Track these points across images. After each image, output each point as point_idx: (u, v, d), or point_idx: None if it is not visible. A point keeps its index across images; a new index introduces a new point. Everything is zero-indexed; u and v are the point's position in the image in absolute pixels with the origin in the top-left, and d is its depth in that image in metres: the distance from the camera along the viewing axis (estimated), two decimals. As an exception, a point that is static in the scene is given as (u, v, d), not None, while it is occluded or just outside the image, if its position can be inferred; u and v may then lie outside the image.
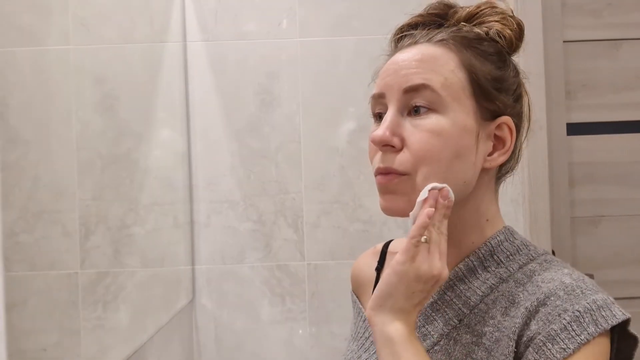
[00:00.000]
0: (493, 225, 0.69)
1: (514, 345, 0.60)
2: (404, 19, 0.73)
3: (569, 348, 0.57)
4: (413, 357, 0.58)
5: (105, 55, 1.05)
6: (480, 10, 0.68)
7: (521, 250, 0.68)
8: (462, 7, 0.69)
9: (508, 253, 0.67)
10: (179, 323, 1.39)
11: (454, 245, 0.67)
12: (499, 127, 0.66)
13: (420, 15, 0.71)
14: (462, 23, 0.68)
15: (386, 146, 0.64)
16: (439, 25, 0.69)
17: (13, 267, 0.72)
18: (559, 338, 0.57)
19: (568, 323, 0.58)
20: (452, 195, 0.62)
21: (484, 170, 0.66)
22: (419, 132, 0.63)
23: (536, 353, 0.58)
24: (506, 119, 0.66)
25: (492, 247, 0.67)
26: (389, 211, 0.66)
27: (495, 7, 0.69)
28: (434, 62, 0.64)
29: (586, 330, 0.57)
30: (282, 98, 1.48)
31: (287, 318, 1.48)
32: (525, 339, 0.60)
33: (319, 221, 1.48)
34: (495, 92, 0.65)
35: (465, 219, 0.67)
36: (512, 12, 0.70)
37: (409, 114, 0.64)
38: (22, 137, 0.78)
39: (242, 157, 1.49)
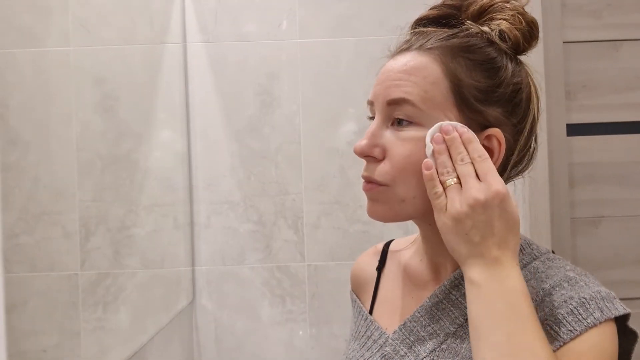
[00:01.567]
0: None
1: None
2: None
3: (576, 330, 0.57)
4: (493, 295, 0.56)
5: (105, 56, 1.05)
6: (493, 6, 0.67)
7: (524, 250, 0.68)
8: (475, 1, 0.68)
9: None
10: (179, 324, 1.39)
11: None
12: (487, 138, 0.64)
13: (436, 8, 0.70)
14: (469, 22, 0.67)
15: (368, 156, 0.66)
16: (450, 24, 0.68)
17: (13, 269, 0.72)
18: (566, 321, 0.58)
19: (575, 307, 0.59)
20: (458, 125, 0.61)
21: None
22: (400, 143, 0.64)
23: None
24: (495, 131, 0.64)
25: None
26: (372, 216, 0.67)
27: (508, 2, 0.67)
28: (417, 73, 0.64)
29: (592, 315, 0.58)
30: (282, 99, 1.48)
31: (288, 319, 1.48)
32: None
33: (319, 222, 1.48)
34: (479, 104, 0.64)
35: None
36: (523, 8, 0.68)
37: (392, 124, 0.65)
38: (22, 138, 0.78)
39: (242, 157, 1.49)
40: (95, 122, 1.00)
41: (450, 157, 0.61)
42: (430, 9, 0.71)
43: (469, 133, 0.61)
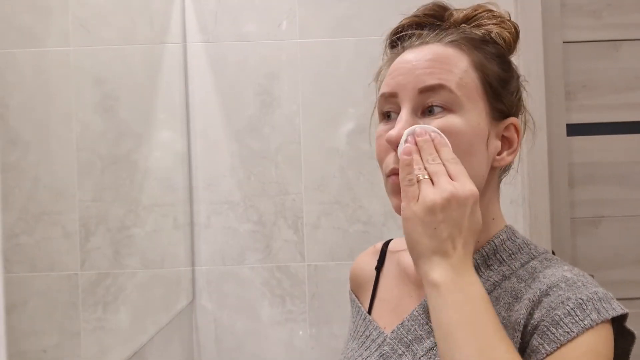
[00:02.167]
0: (497, 224, 0.70)
1: (520, 336, 0.61)
2: (398, 19, 0.73)
3: (573, 331, 0.57)
4: (461, 302, 0.55)
5: (105, 56, 1.05)
6: (478, 14, 0.69)
7: (522, 249, 0.69)
8: (457, 10, 0.70)
9: (510, 252, 0.68)
10: (179, 324, 1.39)
11: None
12: (507, 127, 0.67)
13: (416, 16, 0.71)
14: (463, 25, 0.69)
15: None
16: (438, 27, 0.70)
17: (13, 269, 0.72)
18: (563, 322, 0.58)
19: (572, 309, 0.59)
20: (431, 129, 0.61)
21: (491, 170, 0.67)
22: None
23: (540, 338, 0.59)
24: (513, 119, 0.67)
25: (495, 245, 0.68)
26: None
27: (492, 11, 0.70)
28: (448, 62, 0.64)
29: (589, 317, 0.58)
30: (282, 99, 1.48)
31: (287, 319, 1.48)
32: (529, 328, 0.60)
33: (319, 222, 1.48)
34: (504, 92, 0.67)
35: None
36: (509, 15, 0.71)
37: (422, 113, 0.64)
38: (22, 138, 0.78)
39: (242, 158, 1.49)
40: (95, 122, 1.00)
41: (421, 158, 0.60)
42: (411, 16, 0.71)
43: (441, 139, 0.61)
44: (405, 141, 0.62)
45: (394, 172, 0.64)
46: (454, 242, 0.57)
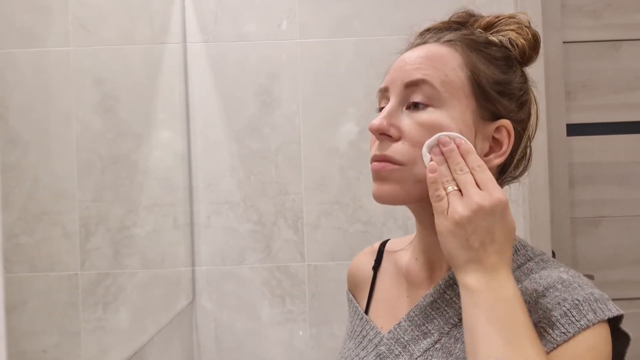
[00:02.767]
0: None
1: None
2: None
3: (569, 332, 0.57)
4: (491, 303, 0.56)
5: (105, 56, 1.05)
6: (499, 20, 0.70)
7: (519, 251, 0.69)
8: (482, 17, 0.71)
9: None
10: (179, 324, 1.39)
11: None
12: (497, 129, 0.67)
13: (444, 22, 0.73)
14: (479, 30, 0.70)
15: (383, 134, 0.66)
16: (454, 30, 0.71)
17: (13, 269, 0.72)
18: (559, 323, 0.58)
19: (568, 310, 0.59)
20: (456, 136, 0.62)
21: None
22: (416, 124, 0.64)
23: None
24: (505, 122, 0.66)
25: None
26: (379, 199, 0.66)
27: (513, 17, 0.70)
28: (438, 60, 0.66)
29: (586, 317, 0.58)
30: (282, 99, 1.48)
31: (287, 319, 1.48)
32: None
33: (319, 222, 1.48)
34: (496, 94, 0.66)
35: None
36: (529, 23, 0.71)
37: (408, 107, 0.66)
38: (22, 138, 0.78)
39: (242, 158, 1.49)
40: (95, 122, 1.00)
41: (449, 167, 0.61)
42: (439, 22, 0.73)
43: (467, 144, 0.62)
44: (431, 151, 0.63)
45: (375, 159, 0.66)
46: (486, 250, 0.58)
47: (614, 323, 0.60)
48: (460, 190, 0.60)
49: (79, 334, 0.90)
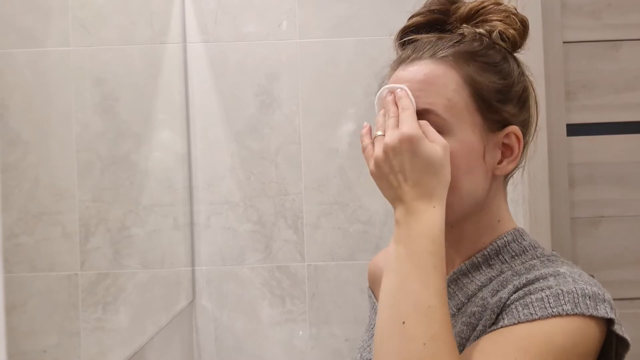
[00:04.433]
0: (504, 225, 0.70)
1: (495, 317, 0.61)
2: (404, 18, 0.73)
3: (536, 314, 0.56)
4: (404, 237, 0.59)
5: (105, 56, 1.05)
6: (483, 7, 0.69)
7: (527, 251, 0.68)
8: (464, 3, 0.70)
9: (514, 253, 0.68)
10: (179, 324, 1.39)
11: (468, 245, 0.69)
12: (506, 136, 0.67)
13: (421, 14, 0.71)
14: (465, 25, 0.68)
15: None
16: (441, 29, 0.69)
17: (13, 269, 0.72)
18: (532, 305, 0.57)
19: (546, 296, 0.57)
20: (397, 87, 0.65)
21: (494, 177, 0.68)
22: None
23: (505, 313, 0.59)
24: (513, 128, 0.67)
25: (498, 247, 0.68)
26: None
27: (499, 4, 0.69)
28: (437, 83, 0.65)
29: (562, 306, 0.56)
30: (282, 99, 1.48)
31: (287, 319, 1.48)
32: (505, 308, 0.60)
33: (319, 222, 1.48)
34: (499, 104, 0.66)
35: (481, 221, 0.69)
36: (515, 9, 0.70)
37: None
38: (22, 138, 0.78)
39: (242, 158, 1.49)
40: (95, 122, 1.00)
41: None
42: (415, 15, 0.72)
43: (401, 92, 0.64)
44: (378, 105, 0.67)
45: None
46: (403, 187, 0.60)
47: (613, 327, 0.58)
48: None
49: (79, 334, 0.90)
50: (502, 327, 0.57)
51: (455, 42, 0.67)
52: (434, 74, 0.65)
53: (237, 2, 1.49)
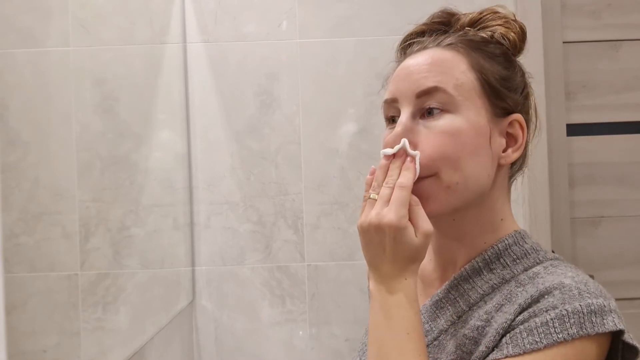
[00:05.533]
0: (506, 226, 0.70)
1: (500, 338, 0.60)
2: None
3: (541, 342, 0.56)
4: (381, 310, 0.61)
5: (105, 56, 1.05)
6: (483, 16, 0.71)
7: (529, 255, 0.68)
8: (464, 14, 0.72)
9: (515, 257, 0.68)
10: (179, 324, 1.39)
11: (470, 242, 0.69)
12: (510, 124, 0.68)
13: (425, 24, 0.73)
14: (467, 28, 0.71)
15: None
16: (445, 32, 0.71)
17: (13, 269, 0.72)
18: (536, 331, 0.57)
19: (551, 319, 0.57)
20: (412, 152, 0.64)
21: (499, 167, 0.68)
22: (432, 134, 0.65)
23: (509, 338, 0.58)
24: (517, 116, 0.68)
25: (499, 250, 0.68)
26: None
27: (498, 12, 0.71)
28: (445, 64, 0.66)
29: (567, 331, 0.56)
30: (282, 99, 1.48)
31: (287, 319, 1.48)
32: (510, 329, 0.60)
33: (319, 222, 1.48)
34: (504, 90, 0.67)
35: (483, 216, 0.69)
36: (515, 16, 0.72)
37: (422, 116, 0.66)
38: (21, 138, 0.78)
39: (242, 158, 1.49)
40: (95, 122, 1.00)
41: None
42: (420, 24, 0.74)
43: (409, 163, 0.63)
44: (383, 153, 0.65)
45: None
46: (381, 257, 0.62)
47: (620, 336, 0.58)
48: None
49: (79, 334, 0.90)
50: (506, 356, 0.57)
51: (461, 34, 0.70)
52: (443, 57, 0.67)
53: (237, 2, 1.49)
